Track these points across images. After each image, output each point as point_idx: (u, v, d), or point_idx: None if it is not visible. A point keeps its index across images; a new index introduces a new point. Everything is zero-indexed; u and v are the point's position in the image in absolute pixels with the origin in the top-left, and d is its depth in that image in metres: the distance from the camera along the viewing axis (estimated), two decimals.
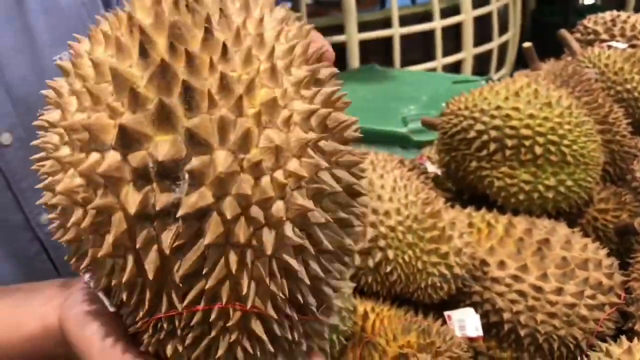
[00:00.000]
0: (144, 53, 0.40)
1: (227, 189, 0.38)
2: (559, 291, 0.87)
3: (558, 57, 1.46)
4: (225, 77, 0.39)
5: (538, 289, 0.88)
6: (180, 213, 0.38)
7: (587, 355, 0.77)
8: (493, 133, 0.99)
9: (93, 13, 0.86)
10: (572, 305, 0.88)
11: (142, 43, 0.40)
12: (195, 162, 0.38)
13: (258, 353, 0.45)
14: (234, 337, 0.43)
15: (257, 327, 0.43)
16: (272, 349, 0.45)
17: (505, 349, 0.94)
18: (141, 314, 0.44)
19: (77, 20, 0.85)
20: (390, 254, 0.85)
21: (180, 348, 0.45)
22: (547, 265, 0.90)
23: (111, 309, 0.48)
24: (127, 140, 0.39)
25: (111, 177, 0.39)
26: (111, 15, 0.46)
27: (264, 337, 0.44)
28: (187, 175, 0.38)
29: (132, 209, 0.38)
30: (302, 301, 0.44)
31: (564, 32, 1.45)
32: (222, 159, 0.38)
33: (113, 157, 0.39)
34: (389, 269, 0.86)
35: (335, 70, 0.49)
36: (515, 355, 0.93)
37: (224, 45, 0.40)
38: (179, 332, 0.44)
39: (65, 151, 0.42)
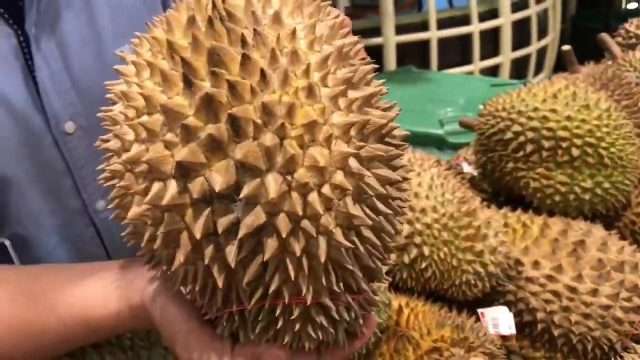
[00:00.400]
0: (187, 83, 0.43)
1: (279, 208, 0.42)
2: (594, 292, 0.88)
3: (598, 62, 1.46)
4: (266, 104, 0.42)
5: (572, 290, 0.88)
6: (240, 234, 0.42)
7: (621, 357, 0.78)
8: (530, 134, 0.99)
9: (152, 10, 0.91)
10: (607, 307, 0.88)
11: (185, 74, 0.43)
12: (247, 188, 0.42)
13: (321, 335, 0.50)
14: (297, 326, 0.49)
15: (318, 316, 0.49)
16: (333, 331, 0.50)
17: (539, 349, 0.95)
18: (214, 309, 0.50)
19: (137, 15, 0.89)
20: (426, 250, 0.87)
21: (251, 335, 0.51)
22: (582, 266, 0.90)
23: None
24: (185, 170, 0.43)
25: (175, 205, 0.43)
26: (150, 38, 0.50)
27: (325, 323, 0.49)
28: (242, 197, 0.42)
29: (198, 233, 0.43)
30: (356, 288, 0.49)
31: (604, 35, 1.44)
32: (272, 183, 0.42)
33: (174, 186, 0.43)
34: (424, 265, 0.87)
35: (372, 66, 0.51)
36: (549, 355, 0.93)
37: (262, 70, 0.43)
38: (249, 323, 0.50)
39: (129, 179, 0.46)
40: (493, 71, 3.38)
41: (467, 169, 1.17)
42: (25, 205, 0.88)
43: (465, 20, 3.22)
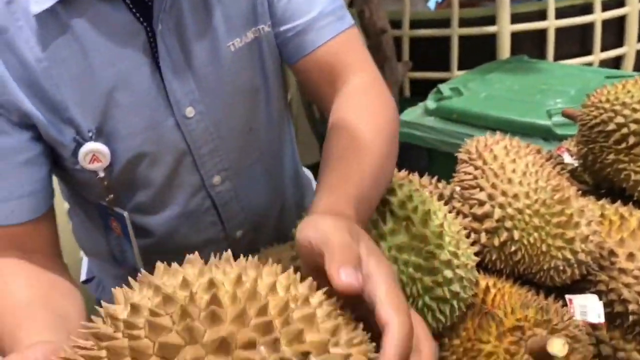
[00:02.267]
0: None
1: None
2: None
3: None
4: None
5: None
6: None
7: None
8: (633, 126, 0.99)
9: (258, 7, 0.99)
10: None
11: None
12: None
13: None
14: None
15: None
16: None
17: (630, 341, 0.95)
18: None
19: (246, 13, 0.98)
20: (516, 234, 0.90)
21: None
22: None
23: None
24: None
25: None
26: None
27: None
28: None
29: None
30: None
31: None
32: None
33: None
34: (513, 248, 0.90)
35: None
36: None
37: None
38: None
39: None
40: (615, 63, 3.22)
41: (569, 159, 1.17)
42: (151, 181, 1.01)
43: (586, 9, 3.09)
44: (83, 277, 1.29)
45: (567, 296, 0.91)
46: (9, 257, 0.85)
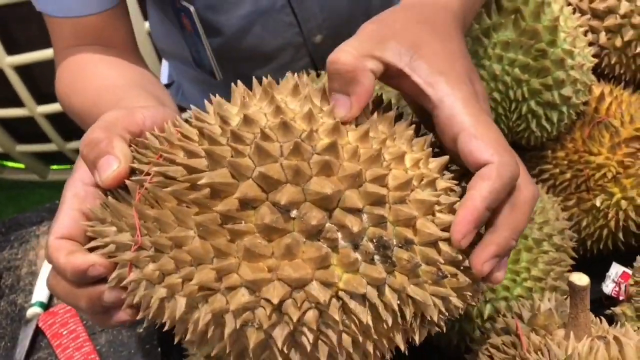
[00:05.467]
0: None
1: None
2: None
3: None
4: None
5: None
6: None
7: None
8: None
9: None
10: None
11: None
12: None
13: None
14: None
15: None
16: None
17: None
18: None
19: None
20: None
21: None
22: None
23: None
24: None
25: None
26: None
27: None
28: None
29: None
30: None
31: None
32: None
33: None
34: (639, 49, 0.77)
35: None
36: None
37: None
38: None
39: None
40: None
41: None
42: None
43: None
44: (163, 82, 1.27)
45: None
46: (92, 49, 0.84)
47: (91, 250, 0.44)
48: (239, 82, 0.46)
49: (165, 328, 0.40)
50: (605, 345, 0.46)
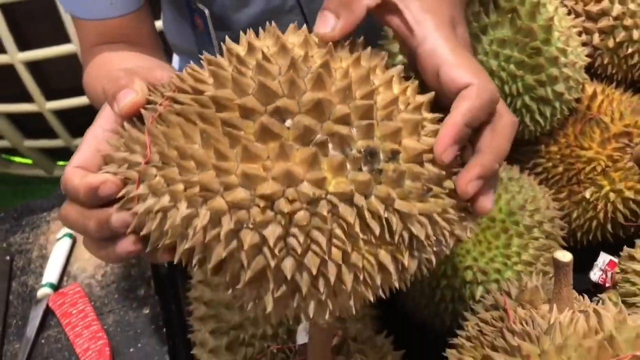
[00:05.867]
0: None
1: None
2: None
3: None
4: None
5: None
6: None
7: None
8: None
9: None
10: None
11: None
12: None
13: None
14: None
15: None
16: None
17: None
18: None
19: None
20: (635, 34, 0.80)
21: None
22: None
23: None
24: None
25: None
26: None
27: None
28: None
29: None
30: None
31: None
32: None
33: None
34: (630, 50, 0.81)
35: None
36: None
37: None
38: None
39: None
40: None
41: None
42: None
43: None
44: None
45: None
46: (117, 46, 0.88)
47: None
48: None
49: (168, 241, 0.42)
50: (585, 316, 0.50)
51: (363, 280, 0.42)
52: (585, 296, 0.56)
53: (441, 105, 0.46)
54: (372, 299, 0.44)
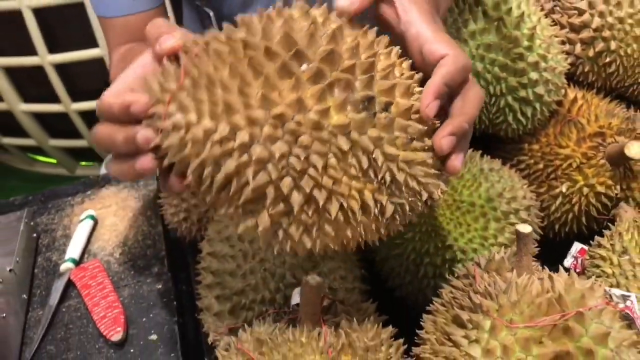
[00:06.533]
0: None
1: None
2: None
3: None
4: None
5: None
6: None
7: None
8: None
9: None
10: None
11: None
12: None
13: None
14: None
15: None
16: None
17: None
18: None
19: None
20: (613, 45, 0.87)
21: None
22: None
23: None
24: None
25: None
26: None
27: None
28: None
29: None
30: None
31: None
32: None
33: None
34: (608, 59, 0.88)
35: None
36: None
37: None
38: None
39: None
40: None
41: None
42: None
43: None
44: None
45: None
46: (141, 44, 0.95)
47: None
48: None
49: (187, 152, 0.47)
50: (540, 280, 0.57)
51: (346, 215, 0.49)
52: (546, 267, 0.63)
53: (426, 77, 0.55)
54: (352, 244, 0.51)
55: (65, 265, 1.01)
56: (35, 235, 1.09)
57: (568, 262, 0.80)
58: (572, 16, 0.91)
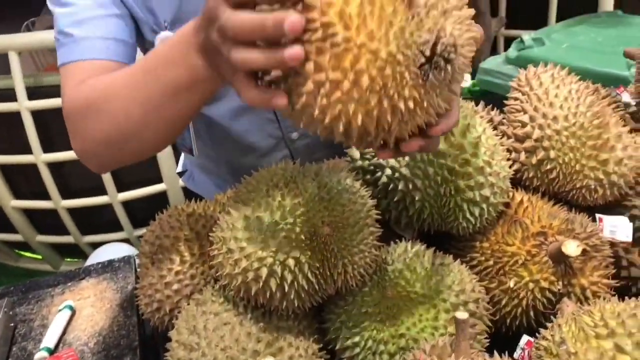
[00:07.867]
0: None
1: None
2: None
3: None
4: None
5: None
6: None
7: None
8: None
9: None
10: None
11: None
12: None
13: None
14: None
15: None
16: None
17: None
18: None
19: None
20: (552, 154, 0.97)
21: None
22: None
23: None
24: None
25: None
26: None
27: None
28: None
29: None
30: None
31: None
32: None
33: None
34: (549, 167, 0.98)
35: None
36: None
37: None
38: None
39: None
40: None
41: (626, 98, 1.20)
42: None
43: None
44: (179, 169, 1.49)
45: (597, 215, 0.98)
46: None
47: None
48: None
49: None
50: None
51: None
52: (485, 352, 0.69)
53: None
54: (389, 117, 0.59)
55: (40, 354, 1.04)
56: (12, 324, 1.12)
57: (517, 354, 0.85)
58: (517, 127, 1.01)
